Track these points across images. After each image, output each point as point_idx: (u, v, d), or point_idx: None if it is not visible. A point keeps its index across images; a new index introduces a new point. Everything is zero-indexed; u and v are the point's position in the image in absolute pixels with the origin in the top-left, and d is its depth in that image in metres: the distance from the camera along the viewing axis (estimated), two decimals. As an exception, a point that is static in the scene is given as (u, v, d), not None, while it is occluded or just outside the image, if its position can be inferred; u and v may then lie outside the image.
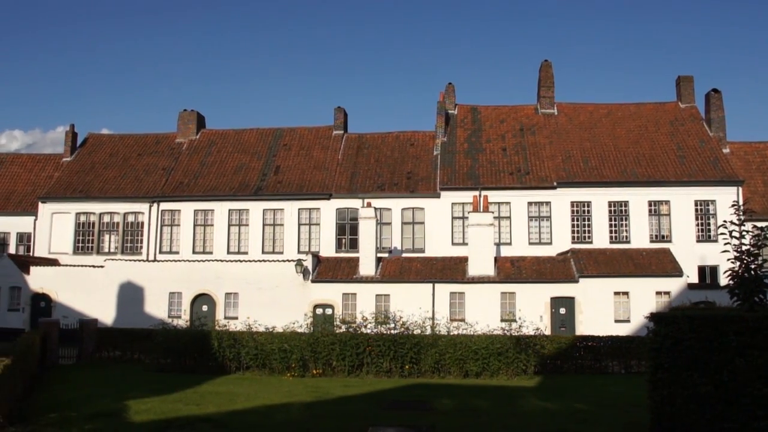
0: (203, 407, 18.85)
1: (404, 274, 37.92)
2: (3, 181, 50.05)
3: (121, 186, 46.28)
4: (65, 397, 20.52)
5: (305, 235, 43.02)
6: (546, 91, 47.04)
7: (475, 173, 42.17)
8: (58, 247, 45.49)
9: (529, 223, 41.04)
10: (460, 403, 19.99)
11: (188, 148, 48.88)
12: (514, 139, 44.73)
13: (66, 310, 38.84)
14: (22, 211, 47.26)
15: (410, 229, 42.06)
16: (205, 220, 44.23)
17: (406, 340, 26.49)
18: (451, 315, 36.02)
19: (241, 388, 22.78)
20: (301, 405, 19.61)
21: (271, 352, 27.01)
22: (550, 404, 19.99)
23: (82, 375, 26.32)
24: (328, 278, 38.26)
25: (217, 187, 44.69)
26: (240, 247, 43.38)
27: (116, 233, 45.39)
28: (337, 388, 23.18)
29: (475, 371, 25.91)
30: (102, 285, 39.99)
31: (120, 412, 18.10)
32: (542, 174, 41.61)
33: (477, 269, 37.09)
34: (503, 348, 26.00)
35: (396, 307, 34.77)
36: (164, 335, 28.75)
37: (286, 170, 45.34)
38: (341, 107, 48.42)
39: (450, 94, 47.87)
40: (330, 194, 42.71)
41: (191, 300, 39.30)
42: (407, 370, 26.18)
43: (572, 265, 36.97)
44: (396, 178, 43.37)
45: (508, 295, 36.39)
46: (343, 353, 26.51)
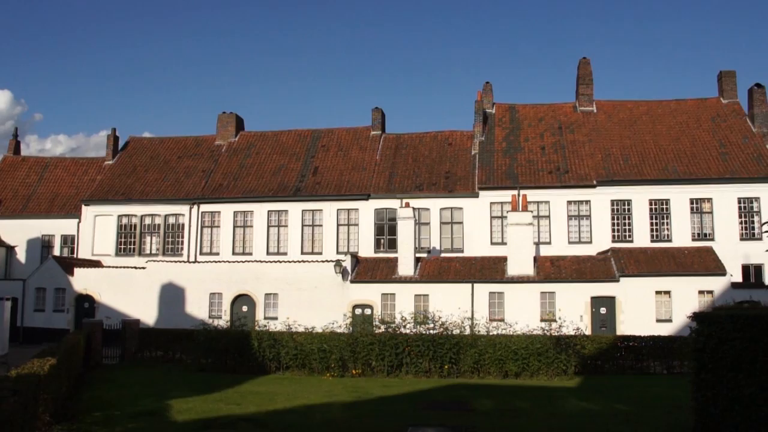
0: (244, 407, 19.03)
1: (443, 274, 37.87)
2: (48, 185, 50.99)
3: (161, 188, 46.85)
4: (109, 397, 20.85)
5: (344, 236, 43.15)
6: (584, 88, 46.63)
7: (514, 172, 41.95)
8: (101, 248, 46.21)
9: (569, 222, 40.71)
10: (500, 404, 19.93)
11: (227, 150, 49.33)
12: (553, 138, 44.41)
13: (109, 311, 39.44)
14: (66, 214, 48.10)
15: (449, 229, 41.97)
16: (244, 222, 44.59)
17: (446, 340, 26.48)
18: (491, 315, 35.89)
19: (281, 388, 22.94)
20: (340, 405, 19.70)
21: (310, 353, 27.17)
22: (591, 405, 19.84)
23: (125, 374, 26.70)
24: (366, 279, 38.35)
25: (256, 188, 45.02)
26: (279, 248, 43.64)
27: (157, 235, 45.97)
28: (377, 388, 23.24)
29: (515, 371, 25.81)
30: (144, 286, 40.53)
31: (162, 411, 18.35)
32: (581, 172, 41.26)
33: (516, 269, 36.91)
34: (543, 348, 25.87)
35: (435, 307, 34.75)
36: (205, 335, 29.07)
37: (325, 171, 45.53)
38: (379, 108, 48.50)
39: (487, 93, 47.68)
40: (368, 195, 42.79)
41: (231, 300, 39.65)
42: (446, 371, 26.16)
43: (612, 264, 36.61)
44: (434, 177, 43.31)
45: (548, 294, 36.15)
46: (382, 353, 26.57)
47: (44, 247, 48.17)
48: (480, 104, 46.04)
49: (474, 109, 45.91)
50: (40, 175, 51.92)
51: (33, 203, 49.62)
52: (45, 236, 48.43)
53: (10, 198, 50.17)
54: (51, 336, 35.55)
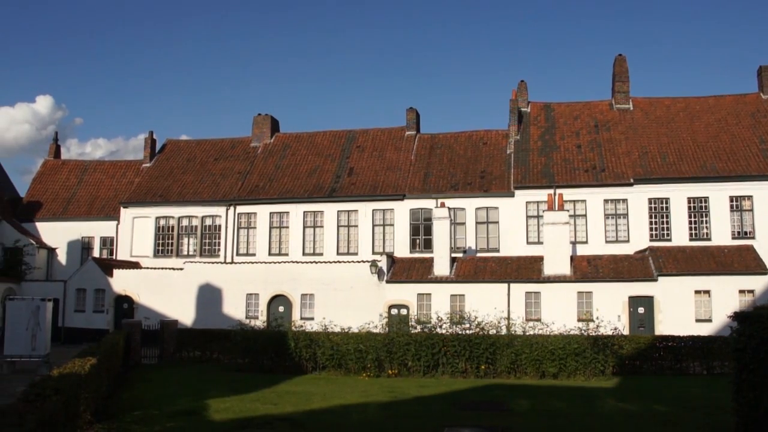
0: (281, 407, 19.16)
1: (479, 274, 37.76)
2: (87, 188, 51.75)
3: (198, 190, 47.30)
4: (148, 396, 21.13)
5: (379, 236, 43.19)
6: (621, 86, 46.16)
7: (550, 171, 41.67)
8: (139, 250, 46.77)
9: (606, 221, 40.32)
10: (537, 404, 19.84)
11: (263, 152, 49.65)
12: (589, 136, 44.03)
13: (147, 312, 39.91)
14: (105, 216, 48.79)
15: (484, 228, 41.81)
16: (280, 223, 44.83)
17: (482, 340, 26.43)
18: (527, 315, 35.70)
19: (318, 388, 23.06)
20: (377, 405, 19.75)
21: (346, 353, 27.27)
22: (629, 406, 19.67)
23: (163, 374, 27.03)
24: (402, 279, 38.36)
25: (291, 189, 45.25)
26: (315, 249, 43.81)
27: (194, 236, 46.40)
28: (413, 388, 23.26)
29: (552, 372, 25.68)
30: (181, 287, 40.95)
31: (200, 410, 18.55)
32: (618, 171, 40.86)
33: (553, 268, 36.68)
34: (580, 348, 25.72)
35: (471, 307, 34.68)
36: (242, 336, 29.33)
37: (360, 172, 45.62)
38: (413, 108, 48.45)
39: (522, 92, 47.43)
40: (403, 195, 42.78)
41: (268, 301, 39.90)
42: (483, 371, 26.12)
43: (650, 263, 36.22)
44: (469, 177, 43.18)
45: (585, 294, 35.85)
46: (418, 353, 26.60)
47: (84, 248, 48.90)
48: (515, 103, 45.81)
49: (509, 108, 45.69)
50: (80, 178, 52.71)
51: (73, 206, 50.41)
52: (85, 238, 49.17)
53: (51, 201, 51.02)
54: (91, 336, 36.04)
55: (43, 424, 9.40)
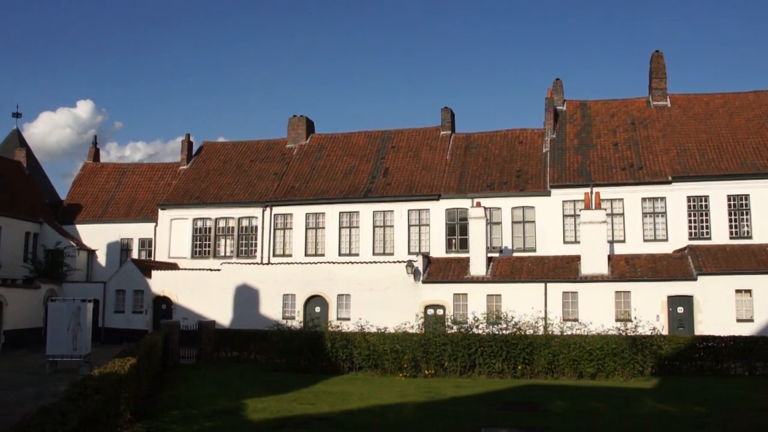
0: (317, 406, 19.24)
1: (515, 273, 37.57)
2: (126, 190, 52.45)
3: (235, 191, 47.66)
4: (186, 396, 21.34)
5: (415, 236, 43.14)
6: (658, 82, 45.60)
7: (586, 170, 41.32)
8: (177, 251, 47.27)
9: (644, 220, 39.86)
10: (575, 405, 19.72)
11: (298, 153, 49.88)
12: (626, 134, 43.58)
13: (185, 312, 40.31)
14: (144, 218, 49.40)
15: (520, 228, 41.58)
16: (316, 223, 44.99)
17: (519, 340, 26.32)
18: (564, 315, 35.45)
19: (354, 388, 23.12)
20: (413, 405, 19.76)
21: (383, 353, 27.31)
22: (668, 407, 19.46)
23: (201, 374, 27.29)
24: (438, 279, 38.30)
25: (327, 190, 45.40)
26: (351, 249, 43.90)
27: (231, 237, 46.76)
28: (450, 388, 23.24)
29: (590, 372, 25.49)
30: (219, 288, 41.29)
31: (238, 410, 18.71)
32: (656, 168, 40.38)
33: (590, 268, 36.36)
34: (619, 348, 25.50)
35: (507, 307, 34.52)
36: (279, 336, 29.49)
37: (395, 172, 45.63)
38: (448, 107, 48.34)
39: (558, 90, 47.08)
40: (439, 195, 42.71)
41: (304, 301, 40.07)
42: (520, 371, 26.00)
43: (690, 262, 35.74)
44: (505, 176, 42.98)
45: (623, 294, 35.48)
46: (454, 354, 26.56)
47: (123, 250, 49.55)
48: (550, 101, 45.51)
49: (544, 107, 45.41)
50: (119, 181, 53.44)
51: (112, 208, 51.12)
52: (124, 240, 49.82)
53: (91, 203, 51.79)
54: (130, 336, 36.52)
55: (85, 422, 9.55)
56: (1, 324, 38.01)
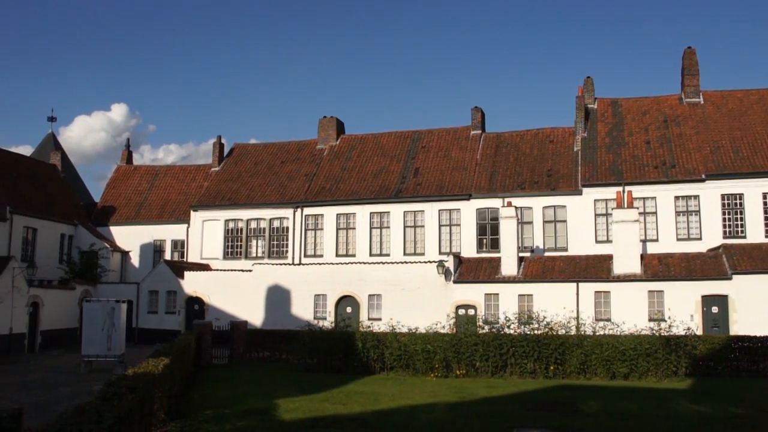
0: (349, 407, 19.28)
1: (547, 273, 37.38)
2: (158, 192, 52.98)
3: (266, 193, 47.92)
4: (219, 395, 21.50)
5: (446, 236, 43.07)
6: (690, 79, 45.06)
7: (618, 168, 40.97)
8: (209, 252, 47.64)
9: (677, 219, 39.41)
10: (608, 406, 19.57)
11: (329, 154, 50.02)
12: (658, 132, 43.13)
13: (218, 313, 40.62)
14: (176, 220, 49.88)
15: (552, 227, 41.34)
16: (347, 224, 45.09)
17: (551, 340, 26.17)
18: (596, 315, 35.19)
19: (386, 388, 23.13)
20: (445, 405, 19.74)
21: (414, 353, 27.29)
22: (703, 408, 19.23)
23: (233, 374, 27.47)
24: (469, 279, 38.21)
25: (358, 191, 45.48)
26: (382, 250, 43.92)
27: (263, 238, 47.02)
28: (481, 388, 23.17)
29: (623, 372, 25.28)
30: (251, 288, 41.54)
31: (270, 410, 18.80)
32: (689, 166, 39.92)
33: (622, 267, 36.06)
34: (652, 348, 25.27)
35: (539, 307, 34.36)
36: (310, 336, 29.59)
37: (426, 172, 45.59)
38: (478, 107, 48.19)
39: (589, 88, 46.71)
40: (470, 194, 42.60)
41: (335, 302, 40.18)
42: (552, 371, 25.86)
43: (724, 261, 35.28)
44: (536, 176, 42.76)
45: (656, 293, 35.13)
46: (486, 354, 26.47)
47: (156, 251, 50.06)
48: (581, 100, 45.19)
49: (575, 105, 45.09)
50: (151, 183, 53.98)
51: (145, 210, 51.66)
52: (157, 241, 50.33)
53: (124, 205, 52.38)
54: (163, 336, 36.82)
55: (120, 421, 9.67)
56: (38, 324, 38.60)
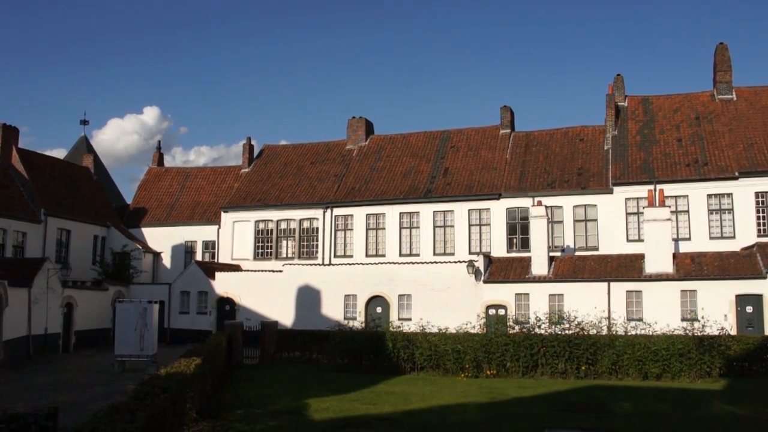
0: (379, 407, 19.30)
1: (578, 273, 37.13)
2: (189, 194, 53.41)
3: (296, 193, 48.11)
4: (250, 395, 21.63)
5: (476, 236, 42.95)
6: (723, 75, 44.49)
7: (649, 166, 40.59)
8: (239, 253, 47.94)
9: (709, 217, 38.93)
10: (640, 406, 19.41)
11: (358, 154, 50.11)
12: (690, 129, 42.65)
13: (248, 313, 40.86)
14: (207, 221, 50.25)
15: (582, 226, 41.06)
16: (376, 224, 45.14)
17: (582, 340, 26.01)
18: (628, 314, 34.89)
19: (416, 389, 23.13)
20: (475, 406, 19.69)
21: (444, 353, 27.25)
22: (738, 409, 19.00)
23: (264, 374, 27.61)
24: (500, 279, 38.06)
25: (387, 191, 45.51)
26: (412, 250, 43.90)
27: (293, 239, 47.22)
28: (512, 389, 23.08)
29: (655, 373, 25.06)
30: (281, 288, 41.74)
31: (301, 410, 18.87)
32: (722, 164, 39.43)
33: (654, 266, 35.71)
34: (685, 349, 25.01)
35: (570, 306, 34.17)
36: (340, 336, 29.65)
37: (455, 172, 45.50)
38: (507, 106, 47.98)
39: (619, 86, 46.32)
40: (499, 194, 42.44)
41: (366, 302, 40.24)
42: (583, 372, 25.69)
43: (759, 260, 34.79)
44: (566, 175, 42.50)
45: (689, 293, 34.74)
46: (516, 354, 26.36)
47: (187, 252, 50.47)
48: (611, 97, 44.82)
49: (605, 103, 44.74)
50: (182, 184, 54.44)
51: (176, 211, 52.11)
52: (188, 242, 50.75)
53: (156, 207, 52.87)
54: (195, 337, 37.19)
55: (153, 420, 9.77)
56: (72, 324, 39.09)
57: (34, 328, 34.96)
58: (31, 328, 34.61)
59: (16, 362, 31.69)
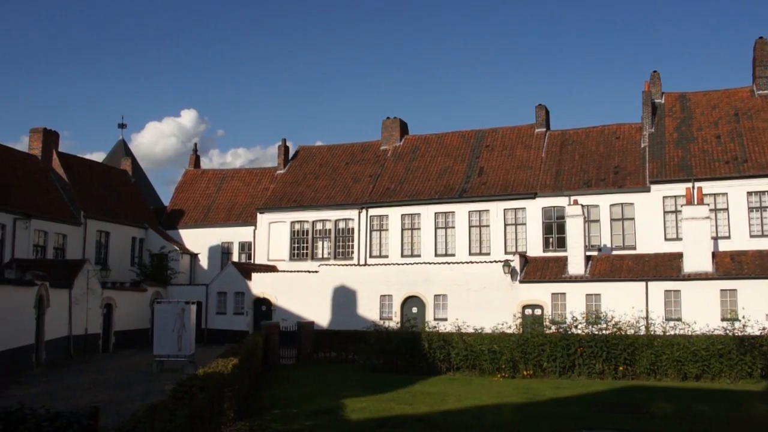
0: (415, 407, 19.30)
1: (615, 272, 36.80)
2: (226, 195, 53.86)
3: (331, 194, 48.27)
4: (286, 395, 21.75)
5: (511, 236, 42.75)
6: (762, 70, 43.71)
7: (687, 164, 40.07)
8: (275, 254, 48.22)
9: (750, 215, 38.29)
10: (679, 407, 19.18)
11: (393, 155, 50.13)
12: (729, 125, 42.01)
13: (284, 313, 41.08)
14: (243, 222, 50.63)
15: (619, 225, 40.65)
16: (412, 224, 45.12)
17: (619, 340, 25.81)
18: (666, 314, 34.48)
19: (452, 389, 23.09)
20: (512, 406, 19.61)
21: (480, 353, 27.20)
22: (780, 410, 18.71)
23: (300, 374, 27.75)
24: (536, 278, 37.86)
25: (422, 191, 45.48)
26: (447, 250, 43.83)
27: (328, 239, 47.39)
28: (548, 389, 22.95)
29: (695, 373, 24.77)
30: (317, 289, 41.92)
31: (337, 409, 18.94)
32: (762, 161, 38.78)
33: (693, 265, 35.25)
34: (725, 349, 24.68)
35: (607, 306, 33.87)
36: (376, 337, 29.73)
37: (490, 171, 45.33)
38: (542, 104, 47.67)
39: (655, 83, 45.77)
40: (535, 193, 42.19)
41: (401, 302, 40.26)
42: (621, 372, 25.49)
43: (801, 258, 34.22)
44: (602, 173, 42.12)
45: (729, 292, 34.22)
46: (553, 354, 26.22)
47: (224, 253, 50.88)
48: (648, 95, 44.30)
49: (642, 100, 44.25)
50: (218, 186, 54.91)
51: (213, 213, 52.57)
52: (224, 243, 51.17)
53: (192, 209, 53.38)
54: (232, 337, 37.44)
55: (191, 419, 9.87)
56: (111, 325, 39.62)
57: (75, 328, 35.50)
58: (71, 328, 35.15)
59: (58, 362, 32.18)
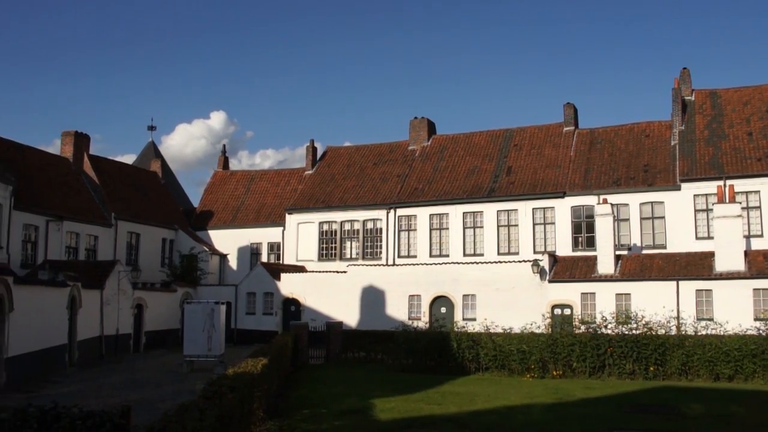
0: (444, 407, 19.29)
1: (645, 271, 36.47)
2: (254, 196, 54.16)
3: (359, 194, 48.34)
4: (315, 395, 21.83)
5: (540, 235, 42.53)
6: (796, 68, 43.17)
7: (718, 162, 39.59)
8: (304, 254, 48.40)
9: (783, 213, 37.76)
10: (711, 408, 18.98)
11: (421, 155, 50.09)
12: (761, 122, 41.43)
13: (313, 314, 41.21)
14: (272, 223, 50.90)
15: (649, 224, 40.28)
16: (440, 224, 45.06)
17: (650, 340, 25.63)
18: (698, 314, 34.08)
19: (481, 389, 23.04)
20: (541, 406, 19.54)
21: (509, 353, 27.13)
22: (815, 411, 18.45)
23: (329, 374, 27.84)
24: (565, 278, 37.63)
25: (450, 191, 45.40)
26: (476, 249, 43.70)
27: (357, 240, 47.47)
28: (578, 389, 22.83)
29: (727, 374, 24.51)
30: (345, 289, 42.00)
31: (366, 409, 18.98)
32: (796, 159, 38.24)
33: (725, 264, 34.82)
34: (758, 349, 24.40)
35: (637, 306, 33.55)
36: (405, 337, 29.75)
37: (518, 170, 45.14)
38: (570, 103, 47.37)
39: (685, 80, 45.28)
40: (564, 192, 41.94)
41: (430, 302, 40.22)
42: (651, 372, 25.30)
43: (836, 257, 33.70)
44: (632, 171, 41.77)
45: (762, 291, 33.72)
46: (583, 354, 26.10)
47: (253, 254, 51.18)
48: (677, 92, 43.83)
49: (671, 98, 43.81)
50: (247, 187, 55.23)
51: (241, 214, 52.89)
52: (253, 244, 51.48)
53: (221, 210, 53.74)
54: (261, 337, 37.61)
55: (222, 419, 9.94)
56: (142, 325, 40.01)
57: (107, 328, 35.91)
58: (103, 328, 35.57)
59: (90, 362, 32.56)
